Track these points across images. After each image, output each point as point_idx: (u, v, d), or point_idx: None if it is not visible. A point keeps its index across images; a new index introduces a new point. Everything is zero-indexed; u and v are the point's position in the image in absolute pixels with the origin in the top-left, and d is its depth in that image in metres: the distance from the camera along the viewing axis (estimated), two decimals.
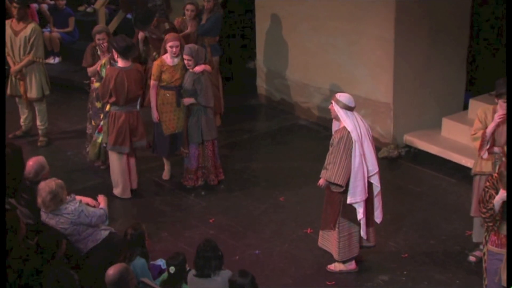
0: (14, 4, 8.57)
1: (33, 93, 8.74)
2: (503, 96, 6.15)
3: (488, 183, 5.63)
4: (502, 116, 6.18)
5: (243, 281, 4.92)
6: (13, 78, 8.71)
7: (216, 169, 7.95)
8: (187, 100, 7.68)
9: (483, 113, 6.37)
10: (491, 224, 5.60)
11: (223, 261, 5.26)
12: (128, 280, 5.05)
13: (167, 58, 7.74)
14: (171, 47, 7.64)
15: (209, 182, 7.94)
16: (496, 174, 5.63)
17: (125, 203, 7.74)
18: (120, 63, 7.43)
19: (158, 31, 8.51)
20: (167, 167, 8.16)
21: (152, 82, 7.80)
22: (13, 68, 8.66)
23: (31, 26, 8.55)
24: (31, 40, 8.52)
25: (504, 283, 5.31)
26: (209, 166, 7.89)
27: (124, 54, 7.35)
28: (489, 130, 6.25)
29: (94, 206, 6.10)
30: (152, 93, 7.81)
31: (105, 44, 7.94)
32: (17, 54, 8.59)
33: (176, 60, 7.73)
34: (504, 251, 5.50)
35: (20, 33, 8.51)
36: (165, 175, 8.19)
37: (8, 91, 8.78)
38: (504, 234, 5.56)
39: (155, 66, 7.77)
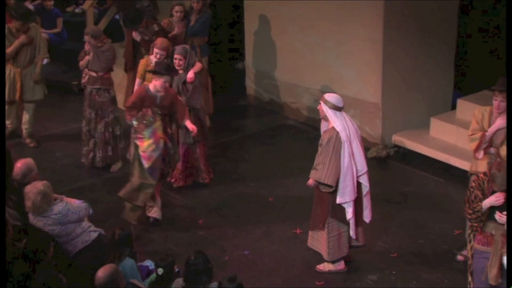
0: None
1: (36, 95, 8.68)
2: (496, 93, 6.17)
3: (474, 184, 5.64)
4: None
5: (230, 286, 4.93)
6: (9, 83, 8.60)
7: (207, 168, 7.96)
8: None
9: (480, 114, 6.38)
10: (476, 224, 5.63)
11: (213, 273, 5.26)
12: (118, 281, 5.04)
13: (154, 58, 7.74)
14: (156, 53, 7.67)
15: (202, 181, 7.94)
16: (482, 175, 5.66)
17: (114, 205, 7.71)
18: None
19: (149, 33, 8.51)
20: None
21: (137, 81, 7.84)
22: (37, 72, 8.55)
23: (33, 26, 8.52)
24: (38, 40, 8.49)
25: (492, 282, 5.35)
26: (200, 166, 7.88)
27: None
28: (490, 132, 6.26)
29: None
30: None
31: (88, 47, 8.03)
32: (23, 58, 8.50)
33: None
34: (490, 249, 5.54)
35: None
36: None
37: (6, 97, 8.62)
38: (490, 232, 5.60)
39: (140, 65, 7.83)
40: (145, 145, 6.93)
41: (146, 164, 6.92)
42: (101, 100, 8.17)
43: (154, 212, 7.24)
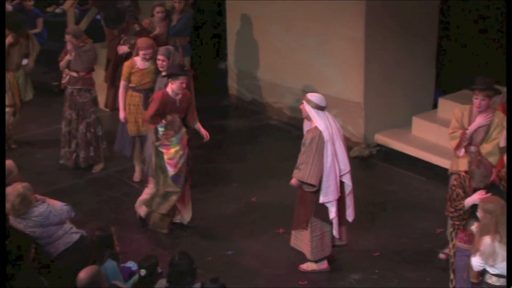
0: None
1: (27, 96, 8.63)
2: (476, 92, 6.22)
3: (455, 182, 5.68)
4: (490, 118, 6.25)
5: (213, 286, 4.93)
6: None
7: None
8: None
9: (460, 112, 6.43)
10: (458, 223, 5.66)
11: (197, 274, 5.25)
12: (100, 283, 5.01)
13: (138, 61, 7.72)
14: (144, 54, 7.63)
15: None
16: (463, 173, 5.70)
17: (96, 206, 7.68)
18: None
19: (134, 38, 8.46)
20: (138, 168, 8.12)
21: (122, 83, 7.77)
22: (30, 66, 8.47)
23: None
24: (28, 39, 8.47)
25: (473, 279, 5.39)
26: None
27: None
28: (470, 130, 6.31)
29: None
30: (120, 93, 7.76)
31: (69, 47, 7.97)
32: (12, 60, 8.42)
33: (147, 64, 7.70)
34: (472, 247, 5.57)
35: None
36: (136, 176, 8.14)
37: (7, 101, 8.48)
38: (472, 230, 5.63)
39: (125, 67, 7.74)
40: (172, 152, 6.83)
41: (172, 172, 6.83)
42: (82, 100, 8.12)
43: (181, 218, 7.21)
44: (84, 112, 8.15)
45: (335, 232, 6.42)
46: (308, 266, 6.59)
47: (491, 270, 5.22)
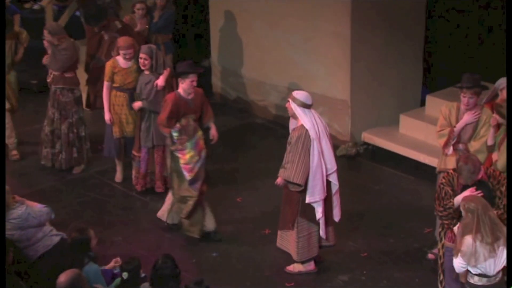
0: None
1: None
2: (464, 90, 6.24)
3: (444, 180, 5.68)
4: (478, 115, 6.27)
5: None
6: None
7: (162, 176, 7.83)
8: (136, 105, 7.57)
9: (448, 109, 6.45)
10: (447, 222, 5.67)
11: (181, 279, 5.22)
12: (80, 286, 4.97)
13: (120, 60, 7.66)
14: (125, 54, 7.58)
15: (156, 190, 7.81)
16: (451, 171, 5.71)
17: (77, 207, 7.63)
18: None
19: (111, 31, 8.41)
20: (119, 169, 8.07)
21: (105, 83, 7.71)
22: (19, 56, 8.33)
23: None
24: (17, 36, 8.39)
25: (463, 279, 5.40)
26: (156, 173, 7.79)
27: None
28: (458, 127, 6.32)
29: None
30: (105, 94, 7.72)
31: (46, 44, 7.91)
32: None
33: (129, 63, 7.65)
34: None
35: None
36: (118, 177, 8.09)
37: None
38: None
39: (107, 67, 7.69)
40: (188, 158, 6.73)
41: (188, 176, 6.74)
42: (65, 100, 8.05)
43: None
44: (66, 112, 8.08)
45: (322, 233, 6.42)
46: (294, 268, 6.58)
47: (473, 270, 5.24)
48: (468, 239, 5.14)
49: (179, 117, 6.75)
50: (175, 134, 6.76)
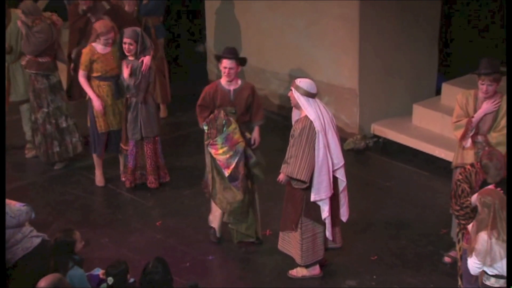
0: None
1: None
2: (482, 77, 6.20)
3: (461, 176, 5.67)
4: (498, 103, 6.23)
5: None
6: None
7: (158, 169, 7.83)
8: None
9: (464, 98, 6.42)
10: (464, 222, 5.64)
11: (173, 284, 5.20)
12: None
13: (98, 46, 7.60)
14: (106, 40, 7.53)
15: (148, 185, 7.82)
16: (469, 166, 5.68)
17: (60, 206, 7.62)
18: None
19: (98, 13, 8.35)
20: (99, 172, 7.97)
21: (80, 72, 7.64)
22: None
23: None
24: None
25: (482, 284, 5.38)
26: (147, 167, 7.77)
27: None
28: (476, 118, 6.29)
29: None
30: (84, 83, 7.64)
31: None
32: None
33: (108, 48, 7.60)
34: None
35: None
36: (100, 181, 7.99)
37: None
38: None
39: (84, 55, 7.62)
40: (220, 153, 6.66)
41: (226, 173, 6.67)
42: (39, 86, 8.02)
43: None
44: (41, 100, 8.04)
45: (328, 234, 6.41)
46: (298, 272, 6.57)
47: (489, 270, 5.22)
48: (483, 236, 5.11)
49: (213, 108, 6.69)
50: (204, 128, 6.72)
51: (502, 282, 5.20)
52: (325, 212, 6.32)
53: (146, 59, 7.43)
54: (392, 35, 8.78)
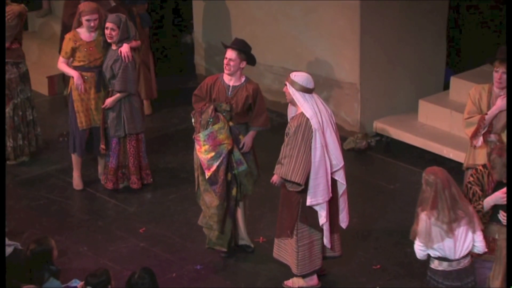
0: None
1: None
2: (497, 63, 6.17)
3: (472, 178, 5.69)
4: None
5: None
6: None
7: (140, 170, 7.83)
8: (109, 101, 7.55)
9: (477, 93, 6.43)
10: None
11: None
12: None
13: (82, 32, 7.61)
14: (88, 20, 7.51)
15: (131, 185, 7.84)
16: (481, 167, 5.69)
17: (33, 212, 7.60)
18: None
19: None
20: (77, 174, 7.96)
21: (60, 59, 7.66)
22: None
23: None
24: None
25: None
26: (129, 166, 7.77)
27: None
28: (490, 114, 6.29)
29: None
30: (63, 66, 7.63)
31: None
32: None
33: (93, 35, 7.61)
34: (492, 257, 5.56)
35: None
36: (78, 184, 7.98)
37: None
38: (493, 237, 5.65)
39: (65, 41, 7.64)
40: (202, 151, 6.62)
41: (206, 174, 6.64)
42: (8, 76, 8.01)
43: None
44: (11, 91, 8.04)
45: (326, 241, 6.42)
46: (293, 283, 6.58)
47: (431, 252, 5.35)
48: (422, 216, 5.26)
49: (209, 100, 6.69)
50: (192, 119, 6.74)
51: (446, 264, 5.35)
52: (322, 218, 6.33)
53: (124, 47, 7.41)
54: (396, 25, 8.79)
